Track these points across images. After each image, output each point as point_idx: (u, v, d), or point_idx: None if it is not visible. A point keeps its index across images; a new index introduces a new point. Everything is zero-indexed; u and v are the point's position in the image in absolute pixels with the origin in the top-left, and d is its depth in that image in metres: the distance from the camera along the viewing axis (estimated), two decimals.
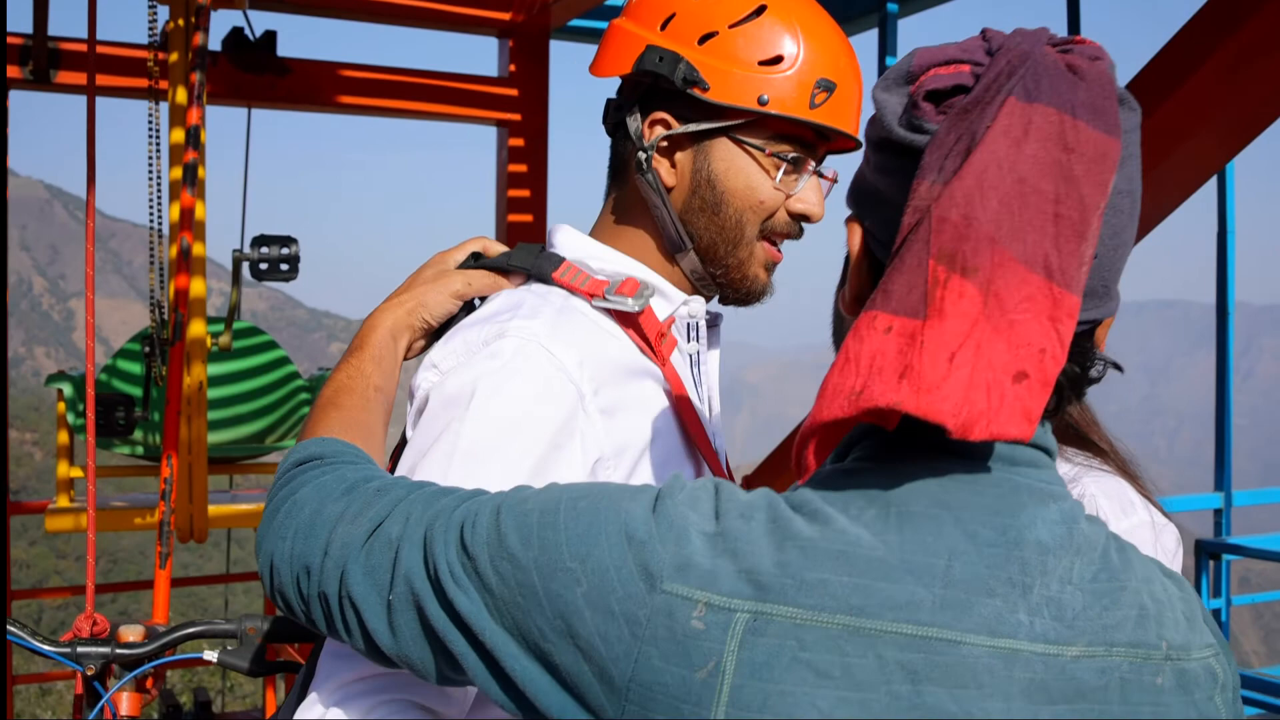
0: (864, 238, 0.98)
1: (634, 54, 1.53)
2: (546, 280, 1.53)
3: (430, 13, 6.75)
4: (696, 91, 1.49)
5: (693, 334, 1.63)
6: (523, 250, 1.57)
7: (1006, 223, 0.83)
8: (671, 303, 1.58)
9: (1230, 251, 6.11)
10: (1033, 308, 0.83)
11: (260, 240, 3.84)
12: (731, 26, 1.50)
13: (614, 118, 1.61)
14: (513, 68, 6.99)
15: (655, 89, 1.54)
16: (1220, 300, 6.16)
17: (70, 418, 4.76)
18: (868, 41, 5.94)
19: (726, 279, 1.58)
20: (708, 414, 1.62)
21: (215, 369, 5.18)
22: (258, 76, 6.03)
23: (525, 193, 7.03)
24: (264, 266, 3.85)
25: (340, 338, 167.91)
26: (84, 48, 5.94)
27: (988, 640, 0.84)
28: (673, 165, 1.55)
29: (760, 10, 1.51)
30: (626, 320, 1.50)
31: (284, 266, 3.88)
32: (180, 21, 3.74)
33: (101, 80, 5.80)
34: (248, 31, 6.02)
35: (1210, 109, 3.13)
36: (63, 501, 4.69)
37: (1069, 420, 2.04)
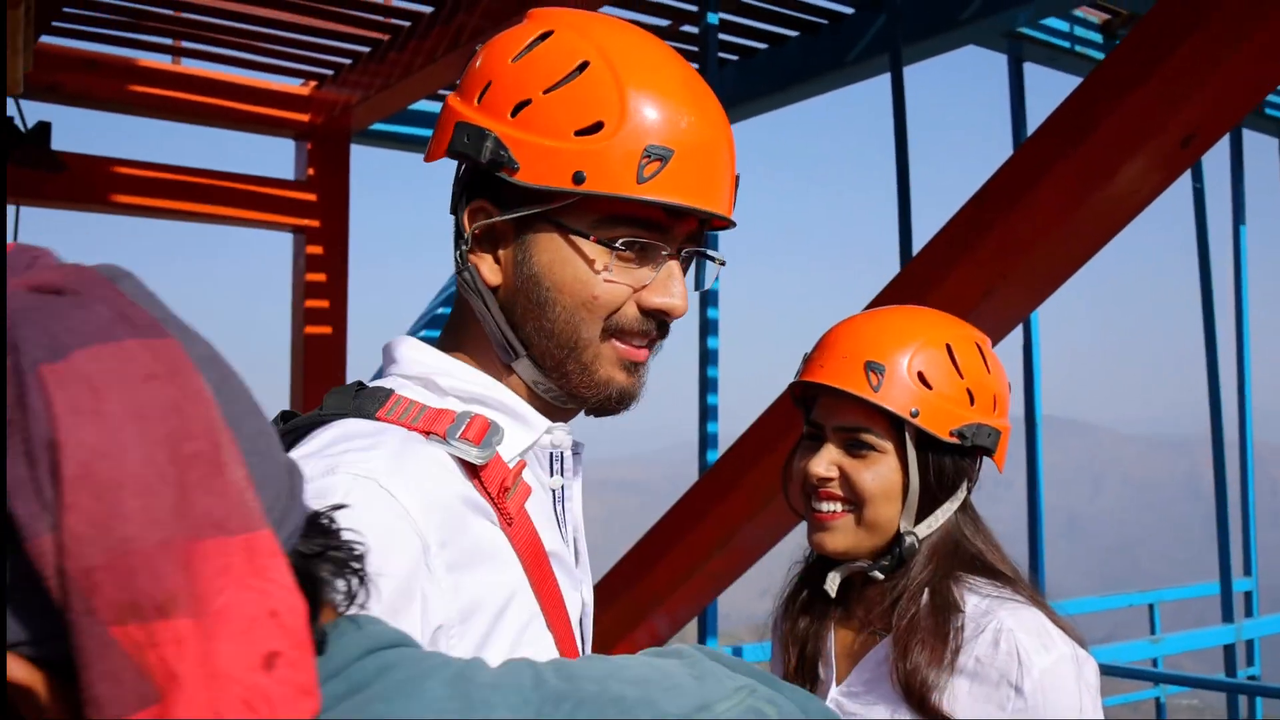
0: None
1: (450, 133, 1.31)
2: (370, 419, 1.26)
3: (223, 111, 6.40)
4: (505, 173, 1.26)
5: (557, 466, 1.39)
6: (336, 395, 1.31)
7: (157, 511, 0.63)
8: (533, 431, 1.34)
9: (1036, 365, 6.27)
10: (232, 577, 0.65)
11: None
12: (547, 91, 1.27)
13: (453, 206, 1.38)
14: (311, 171, 6.66)
15: (478, 172, 1.31)
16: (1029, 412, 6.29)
17: None
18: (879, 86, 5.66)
19: (569, 388, 1.34)
20: (572, 558, 1.39)
21: None
22: (29, 171, 5.52)
23: (324, 303, 6.67)
24: None
25: None
26: None
27: None
28: (497, 260, 1.32)
29: (582, 68, 1.27)
30: (472, 468, 1.25)
31: None
32: None
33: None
34: (19, 122, 5.53)
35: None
36: None
37: (974, 550, 1.90)
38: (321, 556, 0.77)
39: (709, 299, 5.39)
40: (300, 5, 5.61)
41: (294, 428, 1.28)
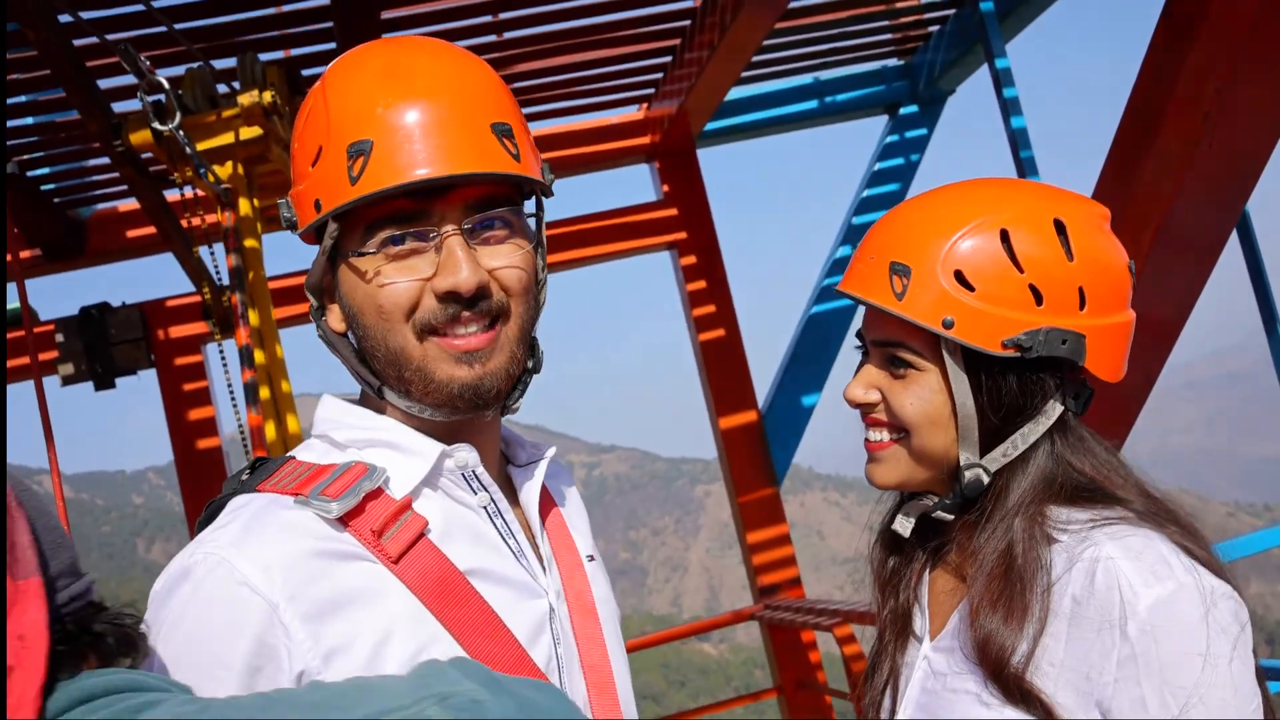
0: None
1: None
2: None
3: (578, 158, 6.77)
4: (297, 229, 1.35)
5: (475, 485, 1.38)
6: (231, 479, 1.41)
7: None
8: (424, 460, 1.34)
9: None
10: None
11: None
12: (297, 141, 1.34)
13: None
14: (666, 188, 6.87)
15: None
16: None
17: None
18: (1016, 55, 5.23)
19: (425, 399, 1.34)
20: (527, 572, 1.39)
21: None
22: None
23: (710, 308, 6.82)
24: None
25: (701, 479, 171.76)
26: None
27: None
28: (338, 308, 1.38)
29: (311, 108, 1.33)
30: (341, 521, 1.28)
31: None
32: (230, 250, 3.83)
33: (279, 313, 6.12)
34: None
35: None
36: None
37: (1078, 479, 1.54)
38: (95, 617, 0.98)
39: None
40: (601, 40, 5.86)
41: (210, 514, 1.38)
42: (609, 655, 1.45)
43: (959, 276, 1.50)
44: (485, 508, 1.38)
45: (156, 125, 3.60)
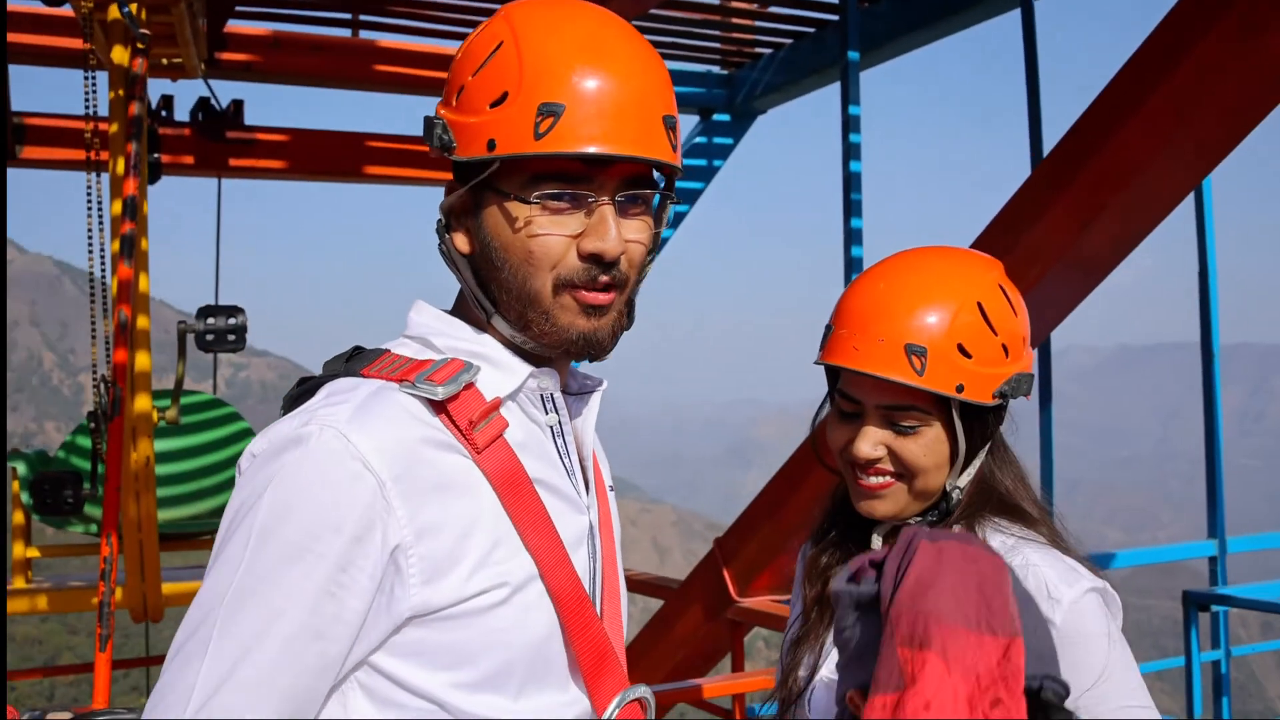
0: None
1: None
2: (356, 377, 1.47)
3: (421, 80, 6.78)
4: (451, 154, 1.44)
5: (549, 405, 1.55)
6: (332, 361, 1.52)
7: (947, 605, 1.22)
8: (515, 376, 1.50)
9: (1212, 290, 6.03)
10: (984, 651, 1.21)
11: (206, 311, 3.80)
12: (474, 75, 1.43)
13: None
14: None
15: (450, 159, 1.49)
16: (1205, 340, 6.07)
17: (24, 497, 4.65)
18: (830, 94, 5.84)
19: (535, 337, 1.49)
20: (572, 487, 1.56)
21: (173, 444, 5.10)
22: (224, 145, 6.03)
23: None
24: (210, 338, 3.80)
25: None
26: (47, 123, 5.98)
27: None
28: (467, 232, 1.50)
29: (497, 49, 1.42)
30: (440, 406, 1.42)
31: (231, 337, 3.82)
32: (120, 91, 3.71)
33: (65, 154, 5.83)
34: (214, 102, 6.03)
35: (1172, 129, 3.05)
36: (19, 583, 4.58)
37: (1001, 488, 1.92)
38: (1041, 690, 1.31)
39: None
40: None
41: (304, 390, 1.50)
42: (620, 578, 1.65)
43: (961, 349, 1.81)
44: (552, 427, 1.55)
45: None
